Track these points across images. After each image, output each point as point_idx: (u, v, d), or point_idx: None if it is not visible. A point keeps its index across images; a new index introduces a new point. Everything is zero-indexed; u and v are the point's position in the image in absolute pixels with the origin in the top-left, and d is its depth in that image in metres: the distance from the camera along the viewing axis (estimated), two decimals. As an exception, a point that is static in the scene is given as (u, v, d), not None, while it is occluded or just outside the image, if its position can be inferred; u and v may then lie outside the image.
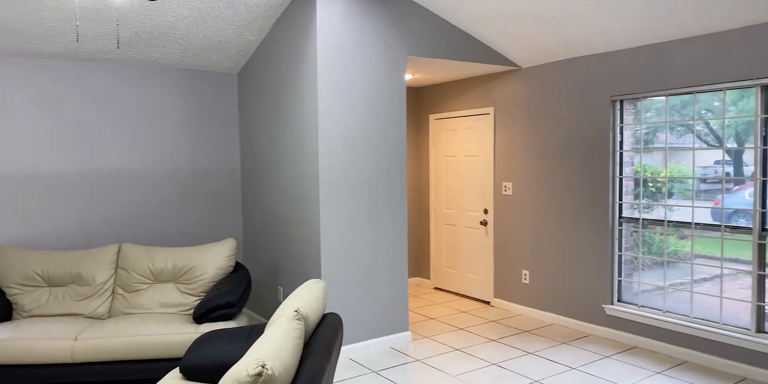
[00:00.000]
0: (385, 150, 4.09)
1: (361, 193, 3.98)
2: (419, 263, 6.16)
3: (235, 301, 3.48)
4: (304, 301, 2.41)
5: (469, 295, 5.55)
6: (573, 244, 4.56)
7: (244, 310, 4.96)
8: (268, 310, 4.59)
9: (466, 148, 5.49)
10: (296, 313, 2.18)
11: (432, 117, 5.89)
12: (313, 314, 2.40)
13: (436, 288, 5.99)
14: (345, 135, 3.90)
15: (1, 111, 3.97)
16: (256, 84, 4.61)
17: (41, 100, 4.11)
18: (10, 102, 4.00)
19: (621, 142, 4.32)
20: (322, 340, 2.26)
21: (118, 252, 3.90)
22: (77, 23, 3.59)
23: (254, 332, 2.71)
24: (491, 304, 5.31)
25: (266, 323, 2.82)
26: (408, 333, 4.25)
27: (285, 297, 4.28)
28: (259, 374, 1.64)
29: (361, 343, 4.01)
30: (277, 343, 1.92)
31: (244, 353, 2.51)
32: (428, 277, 6.07)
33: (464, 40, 4.44)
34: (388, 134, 4.10)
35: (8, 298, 3.65)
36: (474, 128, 5.40)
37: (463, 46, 4.44)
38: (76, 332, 3.32)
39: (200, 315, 3.43)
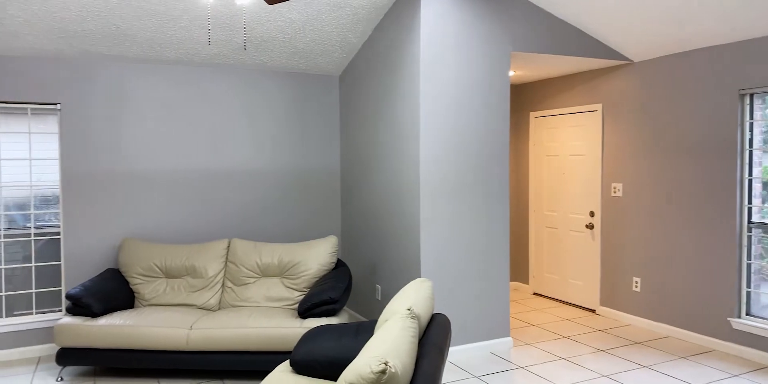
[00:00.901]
0: (487, 149, 3.98)
1: (462, 193, 3.90)
2: (517, 267, 5.96)
3: (337, 298, 3.52)
4: (414, 300, 2.38)
5: (572, 302, 5.29)
6: (693, 250, 4.20)
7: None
8: (365, 308, 4.62)
9: (571, 147, 5.24)
10: (410, 311, 2.14)
11: (533, 115, 5.69)
12: (424, 314, 2.36)
13: (535, 293, 5.76)
14: (446, 134, 3.84)
15: (130, 113, 4.30)
16: (357, 85, 4.67)
17: (162, 104, 4.40)
18: (137, 105, 4.32)
19: (750, 140, 3.92)
20: (435, 340, 2.21)
21: (228, 246, 4.08)
22: (209, 27, 3.81)
23: (362, 329, 2.71)
24: (596, 312, 5.02)
25: (373, 321, 2.81)
26: (509, 339, 4.10)
27: (383, 295, 4.29)
28: (383, 372, 1.62)
29: (460, 347, 3.92)
30: (394, 341, 1.89)
31: (354, 350, 2.52)
32: (526, 282, 5.86)
33: (571, 34, 4.24)
34: (490, 133, 3.99)
35: (131, 287, 3.93)
36: (579, 126, 5.14)
37: (569, 40, 4.23)
38: (191, 322, 3.51)
39: (304, 310, 3.50)
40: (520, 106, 5.86)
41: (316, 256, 3.91)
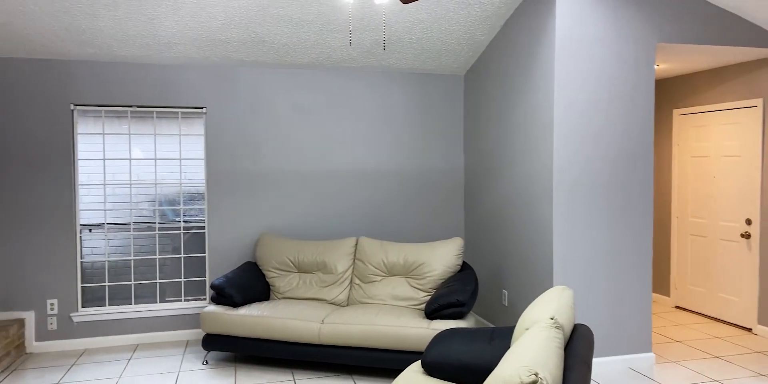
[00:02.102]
0: (627, 149, 3.69)
1: (599, 196, 3.65)
2: (656, 277, 5.48)
3: (465, 301, 3.45)
4: (556, 309, 2.24)
5: (722, 318, 4.75)
6: None
7: (464, 310, 4.94)
8: (491, 313, 4.49)
9: (724, 148, 4.71)
10: (553, 320, 2.02)
11: (677, 112, 5.20)
12: (567, 324, 2.22)
13: (677, 307, 5.26)
14: (583, 133, 3.61)
15: (266, 116, 4.55)
16: (483, 84, 4.55)
17: (295, 106, 4.61)
18: (272, 108, 4.56)
19: None
20: (580, 352, 2.06)
21: (356, 244, 4.17)
22: (351, 28, 3.93)
23: (496, 335, 2.62)
24: (753, 331, 4.46)
25: (508, 328, 2.71)
26: (651, 354, 3.77)
27: (510, 302, 4.14)
28: (534, 383, 1.53)
29: (596, 359, 3.67)
30: (540, 351, 1.79)
31: (489, 356, 2.43)
32: (667, 294, 5.37)
33: (726, 21, 3.80)
34: (632, 132, 3.69)
35: (267, 280, 4.15)
36: (735, 124, 4.61)
37: (724, 28, 3.80)
38: (323, 316, 3.62)
39: (432, 311, 3.47)
40: (662, 103, 5.38)
41: (441, 258, 3.86)
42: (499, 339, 2.57)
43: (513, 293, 4.10)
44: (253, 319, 3.62)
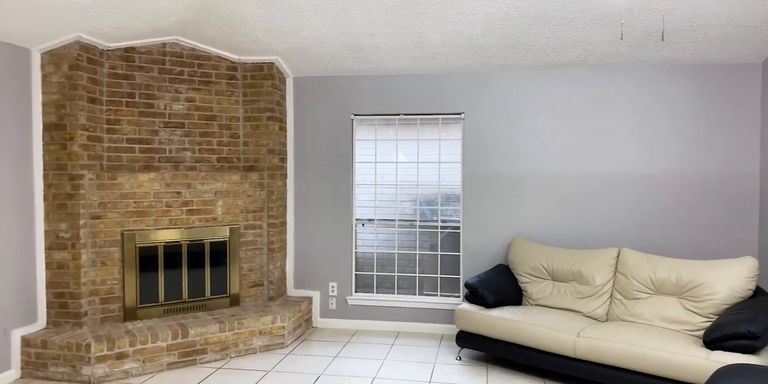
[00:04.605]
0: None
1: None
2: None
3: (758, 333, 2.91)
4: None
5: None
6: None
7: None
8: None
9: None
10: None
11: None
12: None
13: None
14: None
15: (522, 119, 4.52)
16: (790, 71, 3.76)
17: (552, 108, 4.48)
18: (528, 110, 4.51)
19: None
20: None
21: (618, 256, 3.87)
22: (622, 21, 3.70)
23: (809, 384, 2.15)
24: None
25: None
26: None
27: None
28: None
29: None
30: None
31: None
32: None
33: None
34: None
35: (519, 284, 4.14)
36: None
37: None
38: (578, 329, 3.46)
39: (713, 340, 3.02)
40: None
41: (727, 279, 3.33)
42: (814, 389, 2.11)
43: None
44: (505, 322, 3.65)
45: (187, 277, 4.27)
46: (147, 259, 4.10)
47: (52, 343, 3.57)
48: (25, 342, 3.63)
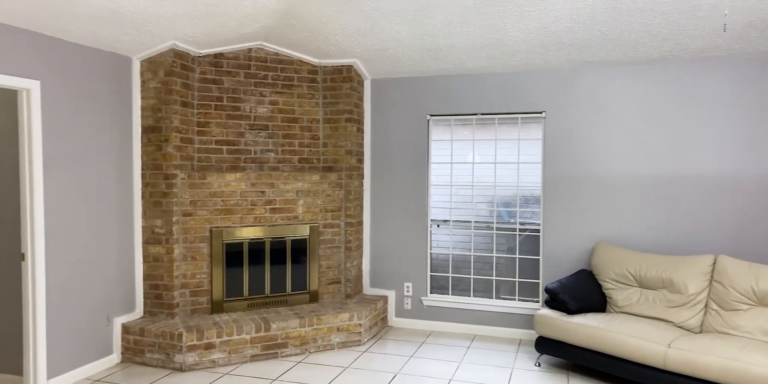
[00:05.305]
0: None
1: None
2: None
3: None
4: None
5: None
6: None
7: None
8: None
9: None
10: None
11: None
12: None
13: None
14: None
15: (607, 117, 4.33)
16: None
17: (640, 105, 4.25)
18: (614, 108, 4.31)
19: None
20: None
21: (714, 264, 3.62)
22: (725, 11, 3.47)
23: None
24: None
25: None
26: None
27: None
28: None
29: None
30: None
31: None
32: None
33: None
34: None
35: (603, 291, 3.96)
36: None
37: None
38: (669, 339, 3.26)
39: (825, 358, 2.76)
40: None
41: (844, 291, 3.02)
42: None
43: None
44: (589, 329, 3.50)
45: (269, 272, 4.43)
46: (233, 255, 4.30)
47: (149, 332, 3.83)
48: (125, 329, 3.91)
